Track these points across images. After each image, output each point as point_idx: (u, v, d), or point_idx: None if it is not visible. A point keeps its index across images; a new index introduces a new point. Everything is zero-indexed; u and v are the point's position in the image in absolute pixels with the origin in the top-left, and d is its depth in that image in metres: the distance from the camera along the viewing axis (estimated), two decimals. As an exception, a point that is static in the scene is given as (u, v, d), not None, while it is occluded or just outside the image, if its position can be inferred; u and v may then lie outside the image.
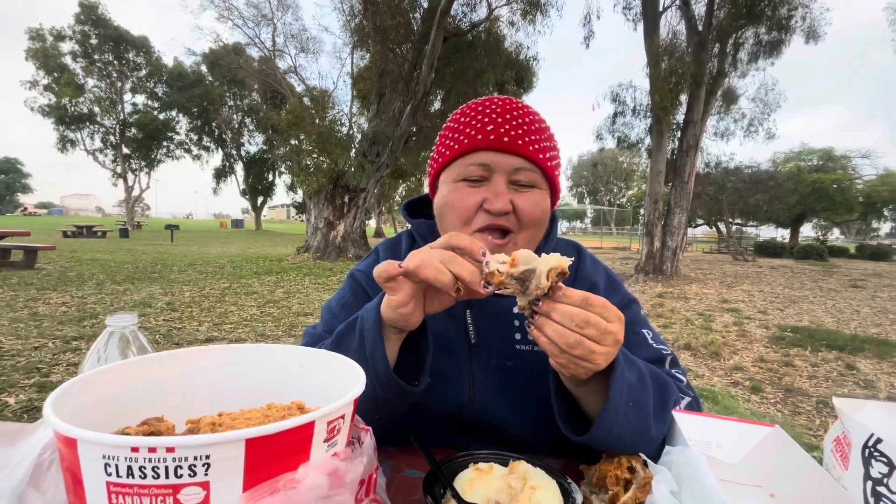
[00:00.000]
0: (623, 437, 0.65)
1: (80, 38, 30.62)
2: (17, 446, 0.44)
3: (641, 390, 0.67)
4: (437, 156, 0.87)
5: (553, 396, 0.72)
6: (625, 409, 0.64)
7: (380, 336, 0.67)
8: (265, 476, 0.36)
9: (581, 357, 0.59)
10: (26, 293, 6.44)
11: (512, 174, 0.79)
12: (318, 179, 12.96)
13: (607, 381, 0.64)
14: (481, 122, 0.80)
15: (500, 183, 0.78)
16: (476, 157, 0.79)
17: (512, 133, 0.78)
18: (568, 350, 0.58)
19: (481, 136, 0.79)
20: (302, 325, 5.48)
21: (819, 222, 34.85)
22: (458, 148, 0.81)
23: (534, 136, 0.79)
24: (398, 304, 0.65)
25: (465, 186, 0.80)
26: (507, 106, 0.81)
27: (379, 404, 0.69)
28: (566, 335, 0.58)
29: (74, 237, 20.30)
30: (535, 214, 0.80)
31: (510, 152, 0.78)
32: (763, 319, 7.03)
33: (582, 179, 71.36)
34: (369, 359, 0.67)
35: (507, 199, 0.77)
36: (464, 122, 0.82)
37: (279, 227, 66.87)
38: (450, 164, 0.83)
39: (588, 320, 0.58)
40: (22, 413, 2.85)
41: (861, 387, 4.14)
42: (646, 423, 0.67)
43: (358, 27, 13.95)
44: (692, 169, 11.94)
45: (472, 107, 0.84)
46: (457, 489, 0.58)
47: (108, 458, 0.33)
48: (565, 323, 0.58)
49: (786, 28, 11.61)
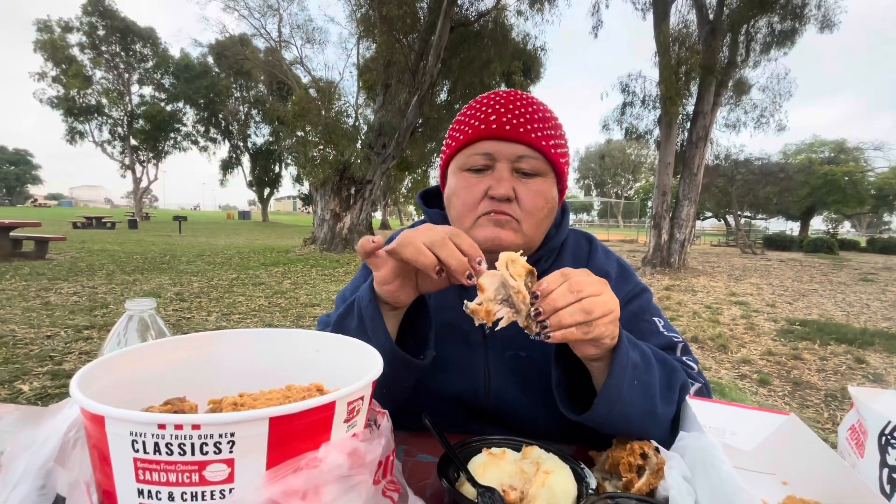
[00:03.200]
0: (627, 416, 0.66)
1: (88, 29, 30.65)
2: (43, 426, 0.45)
3: (646, 370, 0.67)
4: (446, 147, 0.89)
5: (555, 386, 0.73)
6: (629, 387, 0.64)
7: (378, 312, 0.69)
8: (288, 454, 0.36)
9: (603, 315, 0.59)
10: (38, 283, 6.53)
11: (515, 162, 0.79)
12: (325, 171, 12.97)
13: (611, 357, 0.64)
14: (485, 112, 0.81)
15: (504, 170, 0.79)
16: (480, 146, 0.80)
17: (514, 122, 0.79)
18: (592, 318, 0.58)
19: (484, 126, 0.80)
20: (309, 316, 5.52)
21: (830, 215, 34.49)
22: (463, 139, 0.82)
23: (537, 124, 0.80)
24: (381, 281, 0.67)
25: (470, 176, 0.81)
26: (510, 97, 0.82)
27: (387, 381, 0.70)
28: (582, 307, 0.58)
29: (84, 228, 20.49)
30: (538, 203, 0.80)
31: (512, 140, 0.79)
32: (771, 313, 6.98)
33: (589, 171, 70.87)
34: (371, 335, 0.68)
35: (510, 186, 0.78)
36: (469, 114, 0.84)
37: (286, 218, 67.12)
38: (455, 154, 0.85)
39: (579, 280, 0.59)
40: (36, 400, 2.91)
41: (871, 380, 4.11)
42: (652, 403, 0.67)
43: (364, 17, 13.87)
44: (701, 161, 11.81)
45: (478, 100, 0.86)
46: (471, 473, 0.59)
47: (136, 435, 0.33)
48: (570, 300, 0.58)
49: (800, 17, 11.38)
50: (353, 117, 15.47)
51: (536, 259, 0.89)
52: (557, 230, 0.92)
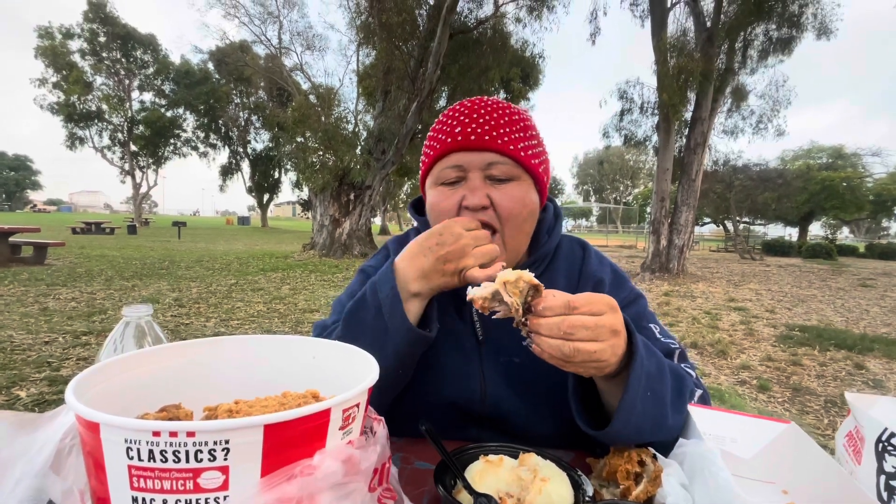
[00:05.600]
0: (641, 428, 0.65)
1: (89, 35, 30.81)
2: (39, 433, 0.45)
3: (660, 380, 0.67)
4: (421, 164, 0.89)
5: (571, 394, 0.72)
6: (643, 399, 0.64)
7: (398, 299, 0.72)
8: (282, 462, 0.36)
9: (585, 361, 0.59)
10: (36, 289, 6.52)
11: (486, 170, 0.79)
12: (324, 177, 13.00)
13: (628, 370, 0.64)
14: (450, 125, 0.81)
15: (476, 179, 0.79)
16: (449, 159, 0.81)
17: (478, 130, 0.79)
18: (569, 359, 0.58)
19: (450, 140, 0.80)
20: (308, 322, 5.51)
21: (828, 221, 34.50)
22: (433, 154, 0.83)
23: (503, 129, 0.79)
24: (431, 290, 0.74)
25: (444, 189, 0.82)
26: (474, 105, 0.82)
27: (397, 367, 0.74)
28: (561, 347, 0.58)
29: (83, 234, 20.48)
30: (515, 208, 0.79)
31: (480, 149, 0.79)
32: (771, 318, 6.98)
33: (588, 177, 71.06)
34: (388, 322, 0.71)
35: (484, 194, 0.78)
36: (438, 129, 0.84)
37: (285, 224, 67.13)
38: (430, 170, 0.85)
39: (575, 324, 0.58)
40: (33, 406, 2.89)
41: (870, 386, 4.10)
42: (663, 413, 0.67)
43: (364, 24, 13.95)
44: (699, 167, 11.84)
45: (446, 113, 0.86)
46: (467, 480, 0.59)
47: (130, 443, 0.33)
48: (554, 335, 0.58)
49: (797, 24, 11.46)
50: (352, 123, 15.54)
51: (527, 265, 0.88)
52: (550, 236, 0.91)
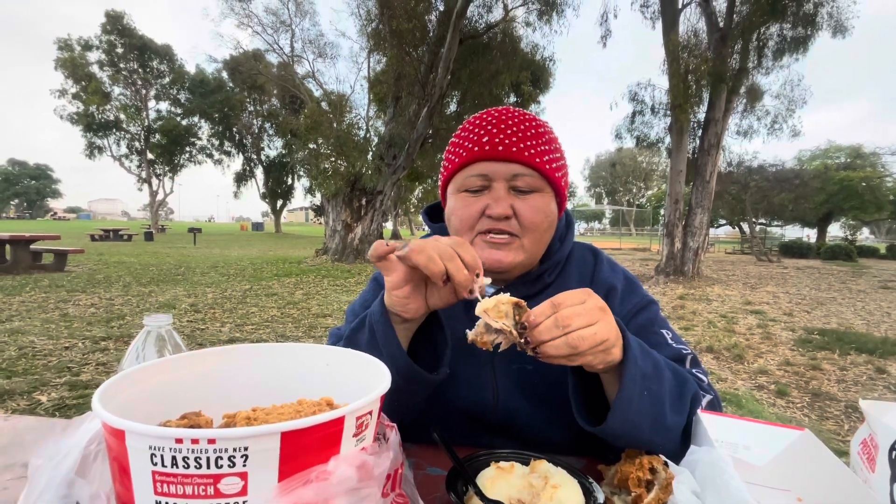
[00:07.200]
0: (638, 426, 0.66)
1: (107, 47, 31.65)
2: (65, 438, 0.47)
3: (657, 380, 0.67)
4: (443, 169, 0.90)
5: (571, 392, 0.73)
6: (639, 396, 0.64)
7: (389, 324, 0.70)
8: (299, 467, 0.37)
9: (592, 347, 0.60)
10: (57, 295, 6.67)
11: (511, 181, 0.81)
12: (336, 182, 13.12)
13: (622, 368, 0.65)
14: (478, 134, 0.83)
15: (501, 189, 0.81)
16: (475, 167, 0.82)
17: (506, 141, 0.80)
18: (579, 352, 0.59)
19: (478, 148, 0.81)
20: (321, 326, 5.55)
21: (847, 221, 33.80)
22: (458, 161, 0.84)
23: (530, 141, 0.81)
24: (391, 286, 0.67)
25: (467, 196, 0.83)
26: (502, 116, 0.84)
27: (398, 395, 0.71)
28: (567, 342, 0.59)
29: (102, 241, 20.90)
30: (537, 219, 0.81)
31: (507, 160, 0.80)
32: (789, 322, 6.85)
33: (600, 179, 70.59)
34: (383, 349, 0.69)
35: (508, 204, 0.80)
36: (463, 136, 0.86)
37: (298, 229, 67.79)
38: (453, 176, 0.86)
39: (567, 315, 0.59)
40: (54, 411, 2.96)
41: (892, 391, 4.00)
42: (661, 412, 0.67)
43: (374, 32, 14.08)
44: (714, 168, 11.70)
45: (471, 120, 0.87)
46: (479, 487, 0.59)
47: (154, 449, 0.35)
48: (555, 335, 0.59)
49: (812, 23, 11.29)
50: (364, 129, 15.67)
51: (540, 273, 0.89)
52: (562, 243, 0.92)
